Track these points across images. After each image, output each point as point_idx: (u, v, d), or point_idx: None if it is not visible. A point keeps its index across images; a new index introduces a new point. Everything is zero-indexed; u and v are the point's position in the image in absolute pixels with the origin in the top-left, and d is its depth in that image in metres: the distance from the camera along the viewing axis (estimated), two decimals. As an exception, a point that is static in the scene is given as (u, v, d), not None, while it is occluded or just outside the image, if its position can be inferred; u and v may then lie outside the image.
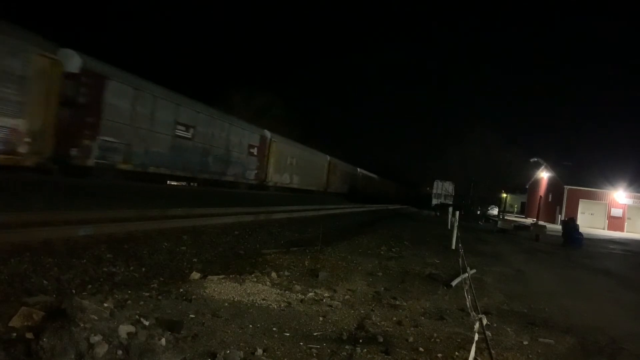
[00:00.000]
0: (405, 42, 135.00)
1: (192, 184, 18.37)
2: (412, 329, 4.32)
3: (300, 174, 28.52)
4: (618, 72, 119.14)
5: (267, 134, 23.82)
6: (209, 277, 5.16)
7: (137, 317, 3.27)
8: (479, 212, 36.24)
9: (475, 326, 3.18)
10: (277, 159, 24.85)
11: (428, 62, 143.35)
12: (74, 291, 4.21)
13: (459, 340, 4.09)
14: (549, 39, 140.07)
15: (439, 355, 3.69)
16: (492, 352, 3.41)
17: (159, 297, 4.12)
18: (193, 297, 4.26)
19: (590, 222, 36.09)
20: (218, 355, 3.04)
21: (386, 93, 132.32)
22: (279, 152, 25.01)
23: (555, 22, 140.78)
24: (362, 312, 4.68)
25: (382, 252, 9.33)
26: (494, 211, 41.88)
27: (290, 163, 26.92)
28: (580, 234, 17.87)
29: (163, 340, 3.03)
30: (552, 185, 41.45)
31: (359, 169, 44.43)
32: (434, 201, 52.22)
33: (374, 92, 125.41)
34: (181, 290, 4.45)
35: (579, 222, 20.70)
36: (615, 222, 37.02)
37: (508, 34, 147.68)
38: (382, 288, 5.97)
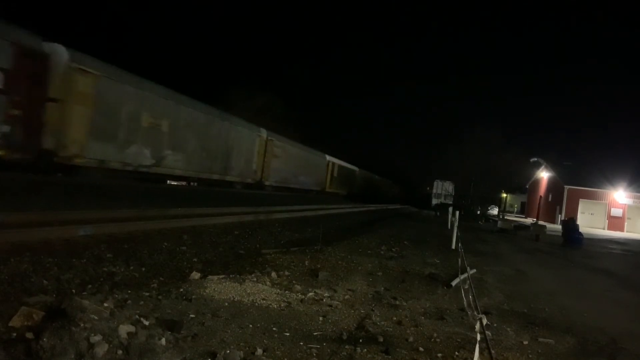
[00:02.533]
0: (405, 42, 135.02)
1: (192, 183, 18.16)
2: (412, 328, 4.32)
3: (192, 152, 16.61)
4: (618, 72, 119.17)
5: (61, 53, 11.21)
6: (209, 277, 5.16)
7: (137, 317, 3.28)
8: (478, 212, 36.24)
9: (476, 326, 3.18)
10: (103, 111, 12.43)
11: (428, 62, 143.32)
12: (74, 291, 4.20)
13: (459, 340, 4.09)
14: (549, 38, 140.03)
15: (439, 355, 3.69)
16: (492, 352, 3.41)
17: (159, 297, 4.11)
18: (193, 297, 4.26)
19: (590, 222, 36.10)
20: (218, 355, 3.04)
21: (385, 93, 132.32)
22: (107, 100, 12.57)
23: (556, 22, 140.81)
24: (362, 312, 4.68)
25: (382, 252, 9.33)
26: (494, 211, 41.88)
27: (156, 127, 14.41)
28: (580, 233, 17.88)
29: (163, 340, 3.03)
30: (552, 185, 41.45)
31: (328, 157, 33.78)
32: (434, 201, 52.18)
33: (372, 92, 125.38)
34: (181, 290, 4.45)
35: (579, 222, 20.72)
36: (615, 222, 37.03)
37: (508, 33, 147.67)
38: (382, 288, 5.97)
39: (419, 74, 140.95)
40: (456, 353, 3.77)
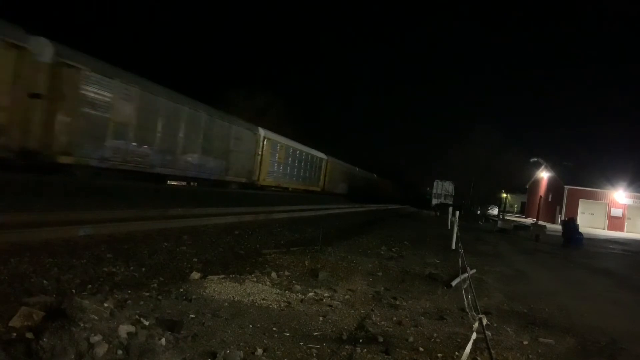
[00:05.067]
0: (405, 42, 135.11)
1: (192, 183, 18.07)
2: (412, 328, 4.32)
3: None
4: (618, 72, 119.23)
5: None
6: (209, 277, 5.16)
7: (137, 317, 3.28)
8: (479, 212, 36.24)
9: (474, 325, 3.18)
10: None
11: (428, 62, 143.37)
12: (74, 291, 4.20)
13: (459, 340, 4.09)
14: (549, 38, 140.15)
15: (439, 355, 3.69)
16: (492, 352, 3.41)
17: (159, 297, 4.12)
18: (193, 297, 4.26)
19: (590, 222, 36.11)
20: (218, 355, 3.04)
21: (386, 93, 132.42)
22: None
23: (556, 22, 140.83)
24: (362, 312, 4.68)
25: (382, 252, 9.33)
26: (494, 211, 41.89)
27: None
28: (580, 234, 17.87)
29: (163, 340, 3.03)
30: (552, 185, 41.46)
31: (263, 132, 22.13)
32: (434, 201, 52.15)
33: (373, 92, 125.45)
34: (181, 290, 4.46)
35: (579, 222, 20.70)
36: (615, 222, 37.03)
37: (508, 34, 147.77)
38: (382, 288, 5.97)
39: (419, 74, 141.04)
40: (456, 353, 3.76)
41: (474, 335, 3.12)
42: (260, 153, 21.75)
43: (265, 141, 22.14)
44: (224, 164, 18.65)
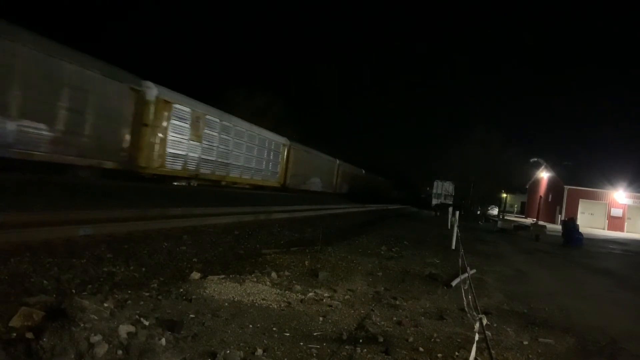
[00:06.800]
0: (405, 43, 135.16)
1: (191, 183, 17.92)
2: (412, 329, 4.31)
3: None
4: (618, 72, 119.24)
5: None
6: (209, 277, 5.16)
7: (137, 317, 3.28)
8: (479, 212, 36.26)
9: (475, 326, 3.18)
10: None
11: (428, 62, 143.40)
12: (74, 291, 4.20)
13: (459, 340, 4.09)
14: (548, 39, 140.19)
15: (439, 355, 3.69)
16: (492, 352, 3.41)
17: (159, 297, 4.12)
18: (193, 297, 4.26)
19: (590, 222, 36.11)
20: (218, 355, 3.04)
21: (386, 93, 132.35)
22: None
23: (555, 22, 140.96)
24: (362, 312, 4.68)
25: (382, 252, 9.33)
26: (494, 211, 41.93)
27: None
28: (580, 233, 17.88)
29: (163, 340, 3.03)
30: (552, 185, 41.46)
31: (155, 89, 13.63)
32: (434, 201, 52.18)
33: (373, 92, 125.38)
34: (181, 290, 4.45)
35: (579, 222, 20.71)
36: (615, 222, 37.03)
37: (508, 34, 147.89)
38: (382, 288, 5.97)
39: (420, 74, 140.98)
40: (456, 353, 3.77)
41: (476, 337, 3.12)
42: (149, 123, 13.56)
43: (159, 104, 13.79)
44: (47, 131, 10.42)
